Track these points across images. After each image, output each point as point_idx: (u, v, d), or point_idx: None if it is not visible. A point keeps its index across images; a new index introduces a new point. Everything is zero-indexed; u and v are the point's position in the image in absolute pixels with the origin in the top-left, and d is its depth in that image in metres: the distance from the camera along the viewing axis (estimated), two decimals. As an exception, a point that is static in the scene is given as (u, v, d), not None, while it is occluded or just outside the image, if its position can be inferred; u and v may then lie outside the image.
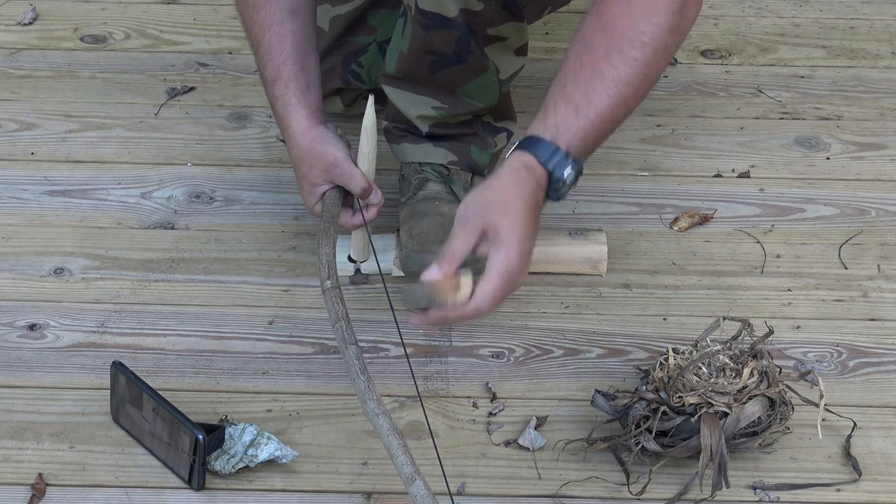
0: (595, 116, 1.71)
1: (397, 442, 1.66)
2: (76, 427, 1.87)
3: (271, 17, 1.98)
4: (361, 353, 1.75)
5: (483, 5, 1.89)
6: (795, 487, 1.80)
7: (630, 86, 1.71)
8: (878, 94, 2.50)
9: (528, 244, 1.69)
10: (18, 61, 2.56)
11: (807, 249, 2.18)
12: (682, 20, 1.72)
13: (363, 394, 1.71)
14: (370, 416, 1.70)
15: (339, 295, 1.82)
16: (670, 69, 2.55)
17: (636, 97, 1.73)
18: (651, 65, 1.70)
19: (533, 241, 1.69)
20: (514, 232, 1.67)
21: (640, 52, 1.69)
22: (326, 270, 1.84)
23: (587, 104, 1.71)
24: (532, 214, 1.69)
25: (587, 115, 1.71)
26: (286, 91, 1.97)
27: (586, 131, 1.72)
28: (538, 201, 1.72)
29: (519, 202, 1.68)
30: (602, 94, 1.70)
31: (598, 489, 1.80)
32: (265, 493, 1.79)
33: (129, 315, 2.04)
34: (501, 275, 1.67)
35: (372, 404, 1.70)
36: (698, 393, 1.78)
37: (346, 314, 1.79)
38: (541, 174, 1.71)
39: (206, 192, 2.27)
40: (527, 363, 1.98)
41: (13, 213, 2.22)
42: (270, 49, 1.98)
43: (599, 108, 1.71)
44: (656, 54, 1.71)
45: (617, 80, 1.70)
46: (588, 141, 1.72)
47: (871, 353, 2.00)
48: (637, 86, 1.72)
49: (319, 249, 1.87)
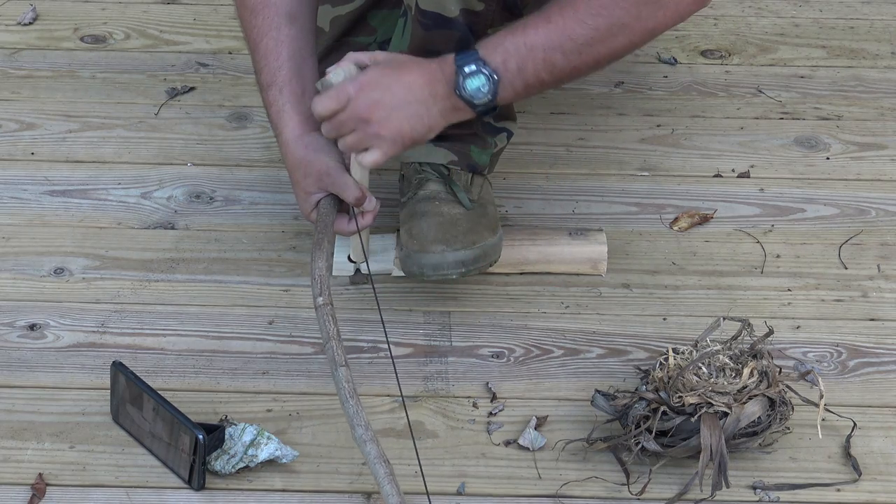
0: (524, 46, 1.80)
1: (384, 471, 1.66)
2: (76, 427, 1.87)
3: (269, 21, 1.98)
4: (352, 376, 1.74)
5: (484, 5, 1.89)
6: (795, 487, 1.80)
7: (572, 40, 1.79)
8: (878, 94, 2.51)
9: (375, 88, 1.81)
10: (18, 61, 2.56)
11: (807, 249, 2.18)
12: (653, 11, 1.79)
13: (352, 418, 1.71)
14: (358, 441, 1.69)
15: (332, 312, 1.79)
16: (670, 69, 2.56)
17: (578, 55, 1.81)
18: (602, 33, 1.79)
19: (378, 83, 1.81)
20: (373, 72, 1.82)
21: (594, 18, 1.79)
22: (319, 286, 1.82)
23: (522, 33, 1.80)
24: (401, 72, 1.82)
25: (516, 42, 1.80)
26: (280, 97, 1.97)
27: (509, 52, 1.80)
28: (426, 76, 1.82)
29: (401, 59, 1.84)
30: (542, 33, 1.80)
31: (598, 489, 1.80)
32: (265, 493, 1.79)
33: (129, 315, 2.04)
34: (337, 86, 1.83)
35: (360, 430, 1.70)
36: (698, 393, 1.78)
37: (337, 333, 1.77)
38: (449, 66, 1.81)
39: (206, 192, 2.27)
40: (527, 363, 1.98)
41: (13, 213, 2.22)
42: (267, 54, 1.98)
43: (531, 42, 1.80)
44: (610, 28, 1.79)
45: (561, 28, 1.79)
46: (508, 61, 1.80)
47: (871, 353, 2.00)
48: (581, 44, 1.79)
49: (312, 263, 1.86)
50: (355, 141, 1.86)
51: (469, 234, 2.00)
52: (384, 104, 1.83)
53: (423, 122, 1.84)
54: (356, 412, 1.71)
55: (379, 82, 1.83)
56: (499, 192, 2.21)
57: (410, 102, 1.83)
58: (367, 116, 1.83)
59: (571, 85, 2.50)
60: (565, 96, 2.48)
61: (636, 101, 2.48)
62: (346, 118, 1.84)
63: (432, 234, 1.99)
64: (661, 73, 2.56)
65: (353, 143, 1.86)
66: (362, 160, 1.88)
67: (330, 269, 1.87)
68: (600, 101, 2.48)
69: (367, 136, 1.85)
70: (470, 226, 2.01)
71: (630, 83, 2.53)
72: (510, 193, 2.26)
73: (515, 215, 2.23)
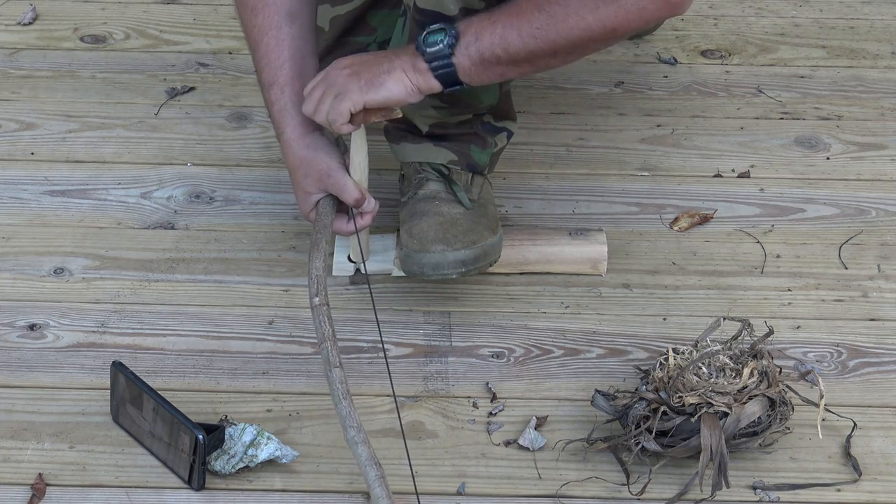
0: (487, 20, 1.85)
1: (374, 473, 1.67)
2: (76, 427, 1.87)
3: (269, 20, 1.98)
4: (345, 377, 1.74)
5: (484, 3, 1.89)
6: (795, 487, 1.80)
7: (529, 23, 1.83)
8: (878, 94, 2.51)
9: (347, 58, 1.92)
10: (18, 61, 2.56)
11: (807, 249, 2.18)
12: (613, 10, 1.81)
13: (345, 420, 1.71)
14: (350, 443, 1.70)
15: (327, 313, 1.80)
16: (670, 69, 2.55)
17: (533, 39, 1.83)
18: (557, 20, 1.82)
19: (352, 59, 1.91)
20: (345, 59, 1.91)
21: (551, 5, 1.82)
22: (316, 286, 1.83)
23: (489, 11, 1.86)
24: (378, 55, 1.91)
25: (481, 15, 1.86)
26: (282, 96, 1.98)
27: (473, 21, 1.86)
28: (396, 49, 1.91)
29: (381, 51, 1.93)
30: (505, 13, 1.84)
31: (598, 489, 1.80)
32: (265, 493, 1.79)
33: (129, 315, 2.04)
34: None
35: (352, 432, 1.70)
36: (698, 393, 1.78)
37: (332, 334, 1.78)
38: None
39: (206, 192, 2.27)
40: (527, 363, 1.98)
41: (13, 213, 2.22)
42: (268, 53, 1.99)
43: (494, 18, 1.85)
44: (567, 17, 1.82)
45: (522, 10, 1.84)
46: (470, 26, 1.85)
47: (871, 353, 2.00)
48: (536, 27, 1.83)
49: (310, 263, 1.86)
50: (328, 98, 1.90)
51: (469, 233, 2.00)
52: (352, 63, 1.90)
53: (383, 71, 1.88)
54: (349, 413, 1.71)
55: (350, 56, 1.93)
56: (499, 192, 2.21)
57: (372, 57, 1.91)
58: (335, 75, 1.89)
59: (571, 85, 2.50)
60: (565, 96, 2.48)
61: (636, 101, 2.48)
62: (320, 83, 1.91)
63: (432, 234, 1.99)
64: (661, 73, 2.56)
65: (325, 101, 1.90)
66: (335, 118, 1.89)
67: (327, 270, 1.87)
68: (600, 101, 2.48)
69: (335, 89, 1.89)
70: (470, 225, 2.01)
71: (630, 83, 2.53)
72: (510, 193, 2.26)
73: (515, 215, 2.23)
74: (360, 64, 1.90)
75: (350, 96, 1.87)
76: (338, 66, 1.91)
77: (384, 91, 1.87)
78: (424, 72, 1.86)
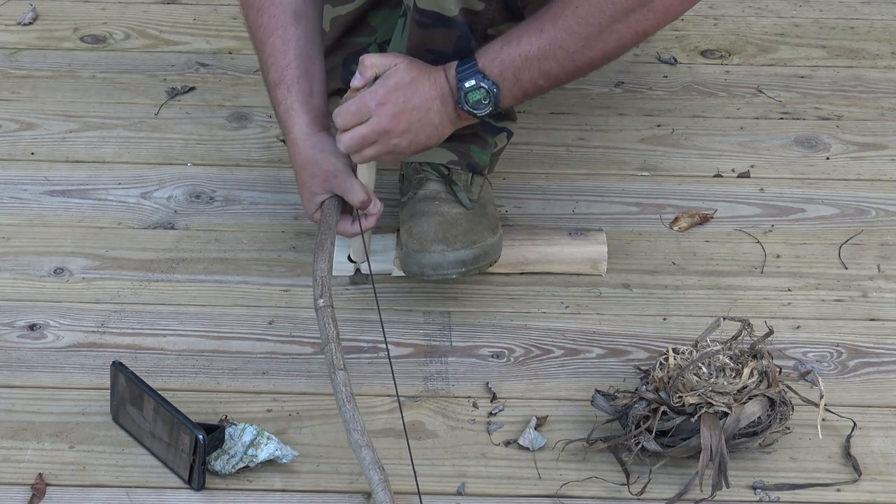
0: (520, 57, 1.84)
1: (378, 477, 1.67)
2: (76, 427, 1.87)
3: (275, 20, 1.98)
4: (349, 380, 1.75)
5: (484, 5, 1.89)
6: (795, 487, 1.80)
7: (563, 49, 1.84)
8: (878, 94, 2.51)
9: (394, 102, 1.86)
10: (18, 61, 2.56)
11: (807, 249, 2.18)
12: (643, 14, 1.82)
13: (348, 423, 1.71)
14: (353, 447, 1.70)
15: (332, 314, 1.80)
16: (670, 69, 2.56)
17: (572, 62, 1.85)
18: (591, 40, 1.83)
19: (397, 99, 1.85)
20: (389, 84, 1.86)
21: (582, 28, 1.83)
22: (320, 288, 1.83)
23: (517, 44, 1.85)
24: (415, 86, 1.86)
25: (511, 53, 1.84)
26: (289, 95, 1.97)
27: (505, 63, 1.84)
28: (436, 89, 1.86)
29: (413, 73, 1.86)
30: (535, 44, 1.83)
31: (598, 489, 1.80)
32: (265, 493, 1.79)
33: (129, 315, 2.04)
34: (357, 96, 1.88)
35: (356, 435, 1.70)
36: (698, 393, 1.78)
37: (336, 336, 1.78)
38: (452, 79, 1.86)
39: (206, 192, 2.27)
40: (527, 363, 1.98)
41: (13, 213, 2.22)
42: (274, 53, 1.98)
43: (525, 53, 1.84)
44: (600, 34, 1.83)
45: (552, 38, 1.84)
46: (506, 72, 1.84)
47: (871, 353, 2.00)
48: (572, 52, 1.84)
49: (314, 265, 1.86)
50: (375, 153, 1.89)
51: (469, 233, 2.00)
52: (403, 117, 1.87)
53: (436, 131, 1.89)
54: (352, 417, 1.71)
55: (396, 96, 1.87)
56: (499, 192, 2.21)
57: (425, 113, 1.87)
58: (388, 128, 1.86)
59: (571, 85, 2.50)
60: (565, 96, 2.48)
61: (636, 101, 2.48)
62: (368, 132, 1.87)
63: (432, 234, 1.99)
64: (661, 73, 2.56)
65: (372, 154, 1.89)
66: (362, 160, 1.91)
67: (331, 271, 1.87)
68: (600, 101, 2.48)
69: (387, 147, 1.88)
70: (470, 225, 2.01)
71: (630, 83, 2.53)
72: (510, 193, 2.26)
73: (515, 215, 2.23)
74: (410, 114, 1.87)
75: (396, 155, 1.90)
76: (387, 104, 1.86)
77: (428, 152, 1.97)
78: (469, 119, 1.89)
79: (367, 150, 1.88)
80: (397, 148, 1.88)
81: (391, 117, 1.86)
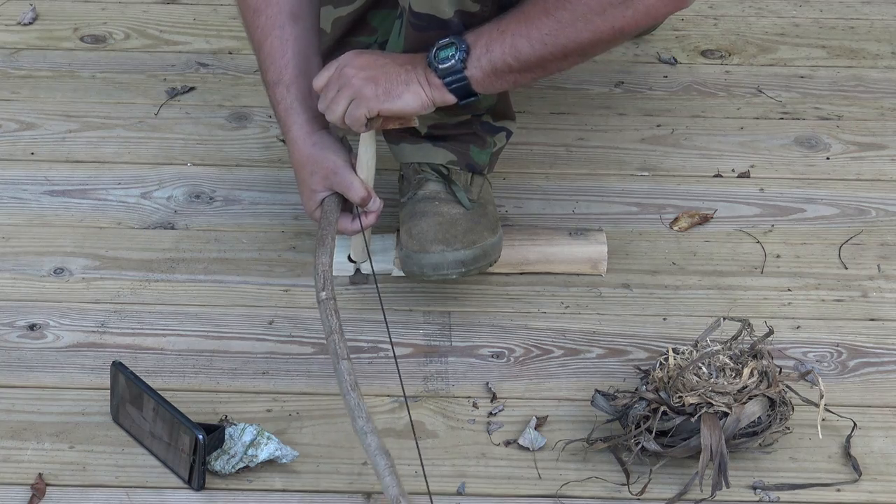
0: (496, 29, 1.86)
1: (384, 462, 1.67)
2: (76, 427, 1.87)
3: (272, 20, 1.99)
4: (353, 369, 1.75)
5: (479, 6, 1.89)
6: (795, 487, 1.80)
7: (537, 29, 1.84)
8: (878, 94, 2.51)
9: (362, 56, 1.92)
10: (18, 61, 2.56)
11: (807, 249, 2.18)
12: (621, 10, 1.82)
13: (353, 410, 1.71)
14: (359, 433, 1.70)
15: (334, 307, 1.80)
16: (670, 69, 2.55)
17: (543, 45, 1.84)
18: (565, 25, 1.83)
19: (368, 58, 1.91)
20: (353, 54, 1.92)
21: (559, 11, 1.83)
22: (322, 281, 1.83)
23: (498, 20, 1.87)
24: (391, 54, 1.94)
25: (490, 25, 1.87)
26: (288, 95, 1.98)
27: (482, 31, 1.87)
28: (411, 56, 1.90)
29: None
30: (513, 20, 1.85)
31: (598, 489, 1.80)
32: (265, 493, 1.79)
33: (129, 315, 2.04)
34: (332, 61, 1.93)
35: (361, 422, 1.70)
36: (698, 393, 1.78)
37: (339, 327, 1.78)
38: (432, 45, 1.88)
39: (206, 192, 2.27)
40: (527, 363, 1.98)
41: (13, 213, 2.22)
42: (272, 52, 1.99)
43: (503, 27, 1.86)
44: (574, 21, 1.83)
45: (530, 17, 1.85)
46: (480, 37, 1.86)
47: (871, 353, 2.00)
48: (545, 34, 1.83)
49: (316, 259, 1.87)
50: (343, 100, 1.90)
51: (469, 233, 2.00)
52: (368, 65, 1.90)
53: (400, 81, 1.89)
54: (357, 404, 1.71)
55: (366, 52, 1.94)
56: (499, 192, 2.21)
57: (390, 64, 1.90)
58: (352, 75, 1.89)
59: (571, 85, 2.50)
60: (565, 96, 2.49)
61: (636, 101, 2.48)
62: (334, 80, 1.90)
63: (432, 234, 1.99)
64: (661, 73, 2.56)
65: (340, 102, 1.90)
66: (351, 122, 1.91)
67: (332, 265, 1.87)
68: (600, 101, 2.48)
69: (351, 92, 1.89)
70: (470, 226, 2.01)
71: (630, 83, 2.53)
72: (510, 193, 2.27)
73: (515, 215, 2.23)
74: (376, 68, 1.90)
75: (367, 103, 1.88)
76: (353, 63, 1.91)
77: (401, 103, 1.89)
78: (439, 87, 1.87)
79: (337, 103, 1.89)
80: (362, 95, 1.88)
81: (357, 67, 1.89)
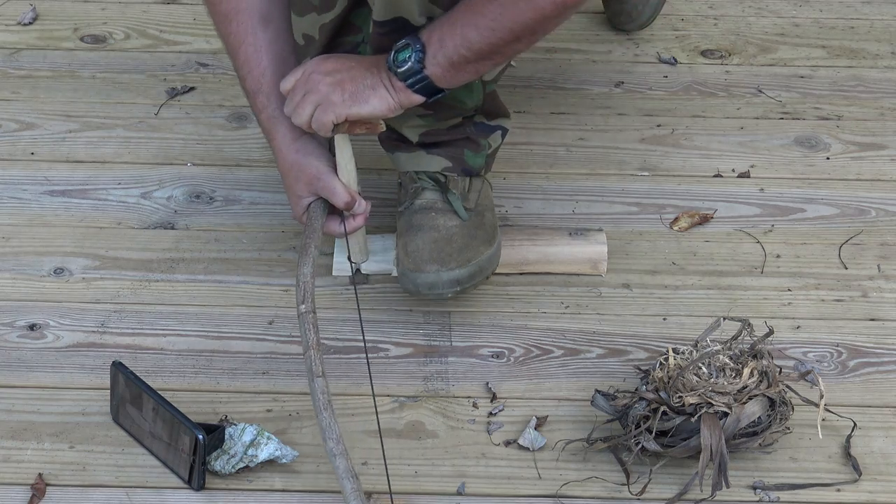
0: (447, 23, 1.85)
1: (350, 486, 1.68)
2: (76, 427, 1.87)
3: (244, 27, 1.99)
4: (328, 387, 1.75)
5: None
6: (795, 487, 1.80)
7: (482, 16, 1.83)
8: (878, 94, 2.51)
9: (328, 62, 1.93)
10: (18, 61, 2.56)
11: (807, 249, 2.18)
12: None
13: (324, 431, 1.71)
14: (329, 454, 1.70)
15: (313, 321, 1.80)
16: (670, 69, 2.55)
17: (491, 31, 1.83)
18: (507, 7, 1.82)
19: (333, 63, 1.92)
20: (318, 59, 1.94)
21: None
22: (303, 293, 1.83)
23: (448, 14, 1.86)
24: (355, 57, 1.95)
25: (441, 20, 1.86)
26: (269, 103, 1.98)
27: (434, 27, 1.87)
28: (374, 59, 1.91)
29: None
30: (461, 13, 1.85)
31: (598, 489, 1.80)
32: (265, 493, 1.79)
33: (129, 315, 2.04)
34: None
35: (331, 444, 1.70)
36: (698, 393, 1.78)
37: (317, 342, 1.78)
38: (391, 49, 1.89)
39: (206, 192, 2.27)
40: (527, 363, 1.98)
41: (13, 213, 2.22)
42: (248, 61, 1.99)
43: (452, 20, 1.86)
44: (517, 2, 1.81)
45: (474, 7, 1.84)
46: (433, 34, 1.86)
47: (871, 353, 2.00)
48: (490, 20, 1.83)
49: (298, 269, 1.86)
50: (309, 105, 1.90)
51: (464, 251, 1.99)
52: (335, 70, 1.90)
53: (367, 86, 1.89)
54: (328, 425, 1.71)
55: (333, 57, 1.94)
56: (499, 192, 2.21)
57: (356, 68, 1.90)
58: (318, 80, 1.89)
59: (571, 85, 2.50)
60: (565, 96, 2.49)
61: (636, 101, 2.48)
62: (301, 84, 1.90)
63: (427, 253, 1.98)
64: (661, 73, 2.56)
65: (306, 107, 1.90)
66: (318, 127, 1.90)
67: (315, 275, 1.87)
68: (600, 101, 2.48)
69: (318, 97, 1.89)
70: (465, 241, 2.00)
71: (630, 83, 2.53)
72: (510, 193, 2.26)
73: (515, 215, 2.23)
74: (342, 72, 1.90)
75: (333, 109, 1.88)
76: (319, 69, 1.91)
77: (368, 107, 1.89)
78: (403, 89, 1.88)
79: (304, 107, 1.90)
80: (328, 100, 1.88)
81: (323, 72, 1.90)
